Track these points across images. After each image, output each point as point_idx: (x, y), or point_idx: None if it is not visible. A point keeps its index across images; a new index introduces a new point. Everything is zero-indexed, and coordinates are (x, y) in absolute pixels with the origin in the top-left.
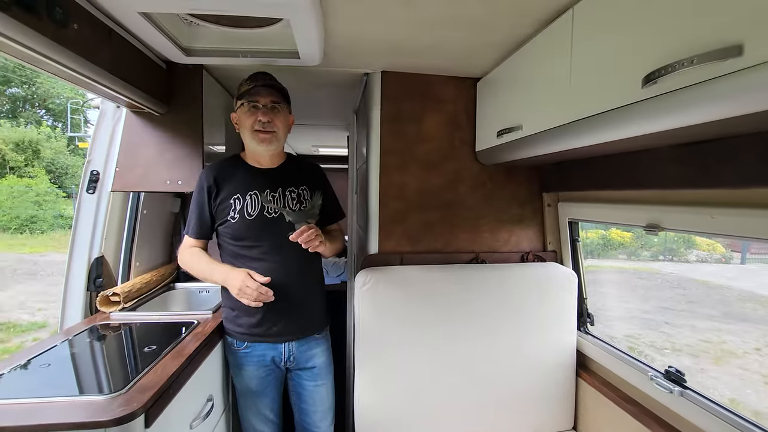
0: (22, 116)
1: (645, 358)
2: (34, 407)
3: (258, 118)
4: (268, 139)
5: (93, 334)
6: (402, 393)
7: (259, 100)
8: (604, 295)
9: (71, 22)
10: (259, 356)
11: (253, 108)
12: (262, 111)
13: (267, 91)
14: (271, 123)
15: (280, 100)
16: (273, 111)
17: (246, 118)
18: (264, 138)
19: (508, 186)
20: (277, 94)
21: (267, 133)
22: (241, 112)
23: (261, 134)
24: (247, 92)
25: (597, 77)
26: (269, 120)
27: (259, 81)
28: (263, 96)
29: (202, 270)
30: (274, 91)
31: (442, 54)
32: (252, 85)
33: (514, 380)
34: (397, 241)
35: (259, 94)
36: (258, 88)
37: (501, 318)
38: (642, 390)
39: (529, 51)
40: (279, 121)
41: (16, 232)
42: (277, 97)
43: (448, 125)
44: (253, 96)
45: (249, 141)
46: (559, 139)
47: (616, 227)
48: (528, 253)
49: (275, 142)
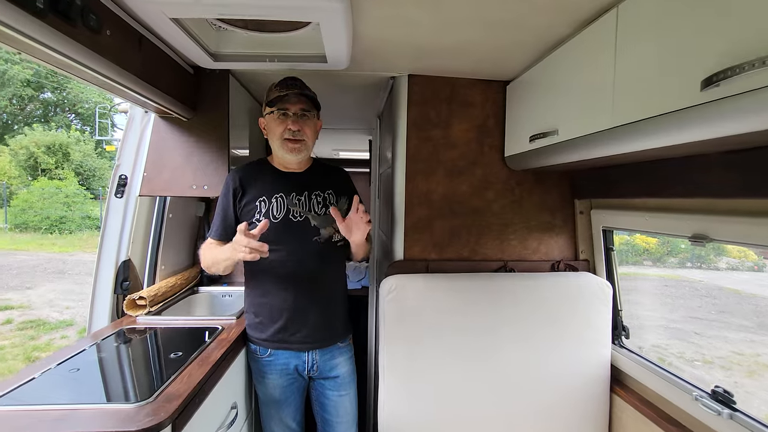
0: (53, 120)
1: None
2: (65, 414)
3: (288, 126)
4: (297, 148)
5: (120, 338)
6: (428, 404)
7: (288, 108)
8: (629, 303)
9: (104, 28)
10: (282, 364)
11: (282, 116)
12: (292, 119)
13: (296, 98)
14: (300, 131)
15: (309, 107)
16: (302, 119)
17: (275, 126)
18: (293, 147)
19: (537, 192)
20: (306, 101)
21: (296, 142)
22: (270, 119)
23: (290, 143)
24: (276, 99)
25: (646, 80)
26: (299, 128)
27: (289, 88)
28: (293, 103)
29: (215, 256)
30: (304, 98)
31: (471, 56)
32: (282, 93)
33: (544, 394)
34: (423, 248)
35: (289, 102)
36: (288, 96)
37: (531, 329)
38: (685, 410)
39: (566, 53)
40: (308, 129)
41: (46, 231)
42: (306, 104)
43: (476, 130)
44: (283, 103)
45: (278, 149)
46: (599, 145)
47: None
48: (559, 262)
49: (304, 151)
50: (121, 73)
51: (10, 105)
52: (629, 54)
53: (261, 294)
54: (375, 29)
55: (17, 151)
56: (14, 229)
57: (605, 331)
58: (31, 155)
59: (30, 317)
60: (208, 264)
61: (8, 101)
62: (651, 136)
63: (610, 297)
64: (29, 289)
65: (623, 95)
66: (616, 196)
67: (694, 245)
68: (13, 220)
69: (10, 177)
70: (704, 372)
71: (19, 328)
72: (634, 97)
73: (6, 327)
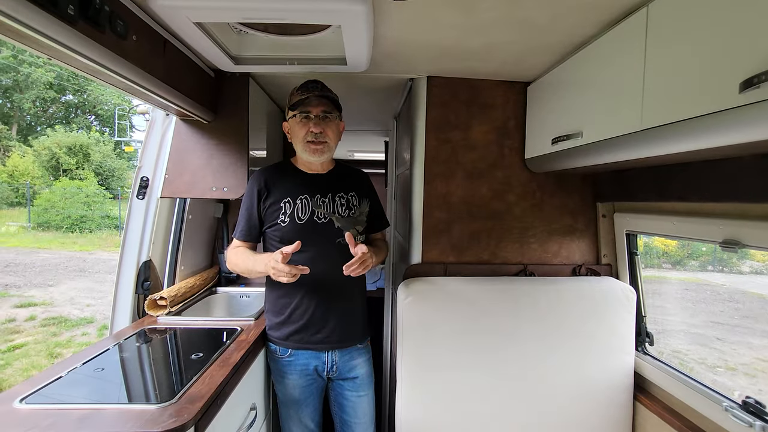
0: (74, 122)
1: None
2: (89, 414)
3: (310, 129)
4: (320, 150)
5: (142, 338)
6: (446, 410)
7: (311, 111)
8: (647, 307)
9: (131, 34)
10: (302, 365)
11: (304, 119)
12: (314, 122)
13: (318, 100)
14: (323, 134)
15: (331, 109)
16: (324, 121)
17: (298, 129)
18: (315, 149)
19: (558, 195)
20: (328, 103)
21: (319, 144)
22: (293, 123)
23: (312, 145)
24: (298, 102)
25: (678, 81)
26: (321, 131)
27: (310, 91)
28: (314, 106)
29: (246, 265)
30: (326, 100)
31: (492, 58)
32: (303, 96)
33: (564, 401)
34: (441, 251)
35: (310, 104)
36: (309, 99)
37: (552, 334)
38: (714, 421)
39: (592, 53)
40: (330, 131)
41: (67, 230)
42: (328, 106)
43: (496, 132)
44: (305, 106)
45: (301, 152)
46: (626, 148)
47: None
48: (580, 266)
49: (327, 152)
50: (146, 77)
51: (33, 107)
52: (660, 54)
53: (283, 294)
54: (397, 31)
55: (40, 152)
56: (37, 228)
57: (629, 337)
58: (54, 156)
59: (52, 314)
60: (240, 270)
61: (32, 103)
62: (683, 139)
63: (634, 303)
64: (51, 286)
65: (653, 97)
66: (642, 199)
67: (725, 251)
68: (36, 219)
69: (34, 177)
70: (727, 379)
71: (42, 325)
72: (666, 99)
73: (29, 323)
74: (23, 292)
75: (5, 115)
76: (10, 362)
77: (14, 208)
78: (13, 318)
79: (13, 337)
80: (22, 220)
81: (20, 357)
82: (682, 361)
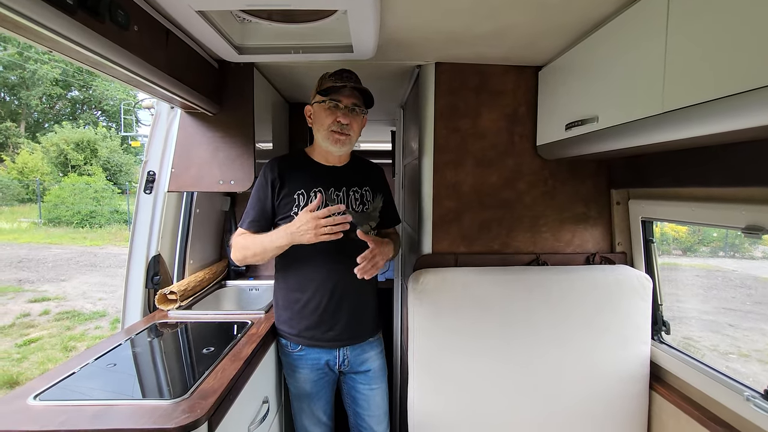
0: (81, 118)
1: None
2: (103, 410)
3: (337, 118)
4: (343, 141)
5: (153, 332)
6: (459, 401)
7: (341, 100)
8: (663, 295)
9: (132, 24)
10: (313, 359)
11: (333, 107)
12: (343, 112)
13: (350, 91)
14: (349, 126)
15: (360, 102)
16: (352, 113)
17: (325, 116)
18: (338, 139)
19: (571, 182)
20: (359, 96)
21: (343, 135)
22: (320, 108)
23: (336, 135)
24: (331, 89)
25: (704, 59)
26: (348, 122)
27: (345, 80)
28: (346, 96)
29: (263, 243)
30: (358, 93)
31: (503, 41)
32: (338, 83)
33: (579, 391)
34: (452, 241)
35: (342, 94)
36: (344, 88)
37: (565, 324)
38: (735, 411)
39: (608, 33)
40: (356, 124)
41: (77, 226)
42: (359, 99)
43: (507, 118)
44: (336, 94)
45: (322, 139)
46: (646, 132)
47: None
48: (594, 254)
49: (348, 145)
50: (149, 69)
51: (40, 104)
52: (684, 32)
53: (293, 289)
54: (404, 16)
55: (48, 149)
56: (48, 223)
57: (644, 326)
58: (62, 152)
59: (65, 308)
60: (250, 253)
61: (39, 100)
62: (707, 121)
63: (650, 291)
64: (64, 281)
65: (676, 77)
66: (658, 185)
67: (748, 237)
68: (46, 215)
69: (43, 173)
70: (740, 365)
71: (56, 319)
72: (690, 79)
73: (44, 318)
74: (37, 287)
75: (13, 112)
76: (26, 356)
77: (25, 204)
78: (28, 313)
79: (29, 332)
80: (33, 216)
81: (36, 351)
82: (694, 348)
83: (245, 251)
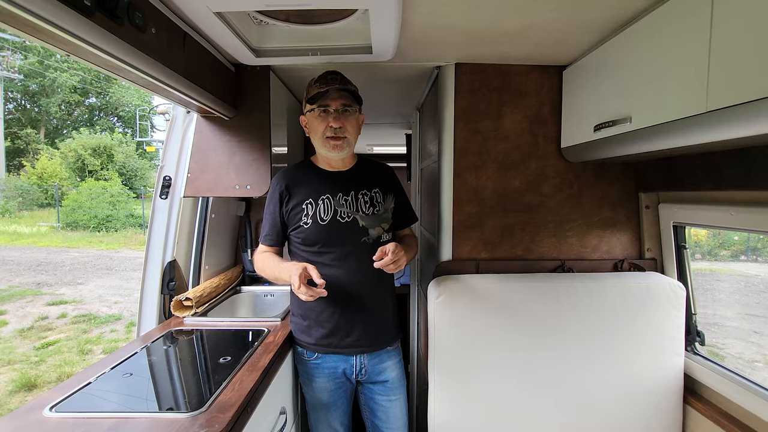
0: (97, 124)
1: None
2: (120, 423)
3: (329, 123)
4: (340, 146)
5: (169, 340)
6: (482, 414)
7: (330, 104)
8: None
9: (149, 26)
10: (330, 368)
11: (323, 113)
12: (333, 116)
13: (337, 93)
14: (342, 128)
15: (350, 102)
16: (344, 115)
17: (317, 124)
18: (335, 145)
19: (597, 186)
20: (348, 96)
21: (338, 140)
22: (312, 117)
23: (332, 141)
24: (317, 96)
25: (752, 56)
26: (340, 125)
27: (329, 83)
28: (333, 99)
29: (273, 272)
30: (345, 93)
31: (529, 41)
32: (322, 88)
33: (607, 405)
34: (473, 247)
35: (330, 97)
36: (329, 92)
37: (593, 333)
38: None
39: (643, 29)
40: (350, 125)
41: (94, 230)
42: (347, 99)
43: (530, 120)
44: (323, 100)
45: (320, 147)
46: (685, 133)
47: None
48: (622, 261)
49: (346, 148)
50: (166, 72)
51: (59, 111)
52: (731, 23)
53: None
54: (428, 14)
55: (66, 154)
56: (66, 227)
57: (678, 336)
58: (79, 157)
59: (82, 311)
60: (267, 276)
61: (58, 107)
62: (756, 121)
63: (683, 299)
64: (81, 284)
65: (721, 75)
66: (692, 188)
67: None
68: (64, 219)
69: (61, 179)
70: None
71: (72, 322)
72: (737, 77)
73: (61, 321)
74: (54, 290)
75: (33, 119)
76: (44, 359)
77: (44, 209)
78: (46, 316)
79: (47, 334)
80: (51, 220)
81: (53, 353)
82: (718, 355)
83: (262, 273)
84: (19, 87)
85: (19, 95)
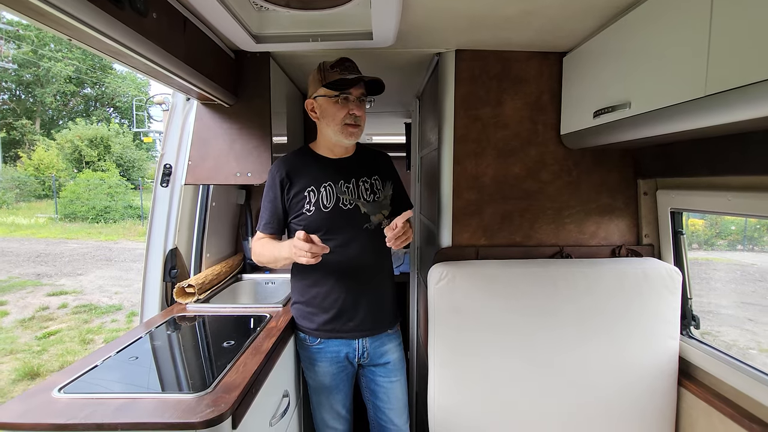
0: (94, 114)
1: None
2: (127, 403)
3: (351, 111)
4: (356, 134)
5: (172, 326)
6: (481, 397)
7: (352, 92)
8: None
9: (151, 11)
10: (332, 352)
11: (344, 100)
12: (355, 104)
13: (360, 82)
14: (361, 117)
15: (367, 92)
16: (362, 104)
17: (335, 110)
18: (353, 132)
19: (596, 172)
20: (364, 86)
21: (356, 127)
22: (328, 102)
23: (351, 128)
24: (338, 82)
25: (752, 39)
26: (361, 114)
27: (352, 71)
28: (355, 87)
29: (273, 253)
30: (363, 82)
31: (528, 26)
32: (347, 76)
33: (604, 387)
34: (473, 234)
35: (352, 86)
36: (354, 80)
37: (591, 317)
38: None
39: (642, 15)
40: (365, 115)
41: (93, 221)
42: (365, 89)
43: (530, 107)
44: (346, 87)
45: (334, 134)
46: (684, 118)
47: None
48: (620, 246)
49: (359, 135)
50: (167, 58)
51: (54, 101)
52: (732, 6)
53: (311, 284)
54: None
55: (63, 145)
56: (64, 219)
57: (673, 320)
58: (76, 148)
59: (83, 302)
60: (266, 260)
61: (53, 98)
62: (753, 104)
63: (680, 284)
64: (81, 275)
65: (721, 58)
66: (690, 174)
67: None
68: (62, 210)
69: (58, 170)
70: (761, 362)
71: (73, 312)
72: (736, 60)
73: (62, 311)
74: (54, 281)
75: (28, 110)
76: (46, 348)
77: (42, 200)
78: (47, 306)
79: (48, 324)
80: (49, 211)
81: (55, 343)
82: (713, 343)
83: (260, 257)
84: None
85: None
